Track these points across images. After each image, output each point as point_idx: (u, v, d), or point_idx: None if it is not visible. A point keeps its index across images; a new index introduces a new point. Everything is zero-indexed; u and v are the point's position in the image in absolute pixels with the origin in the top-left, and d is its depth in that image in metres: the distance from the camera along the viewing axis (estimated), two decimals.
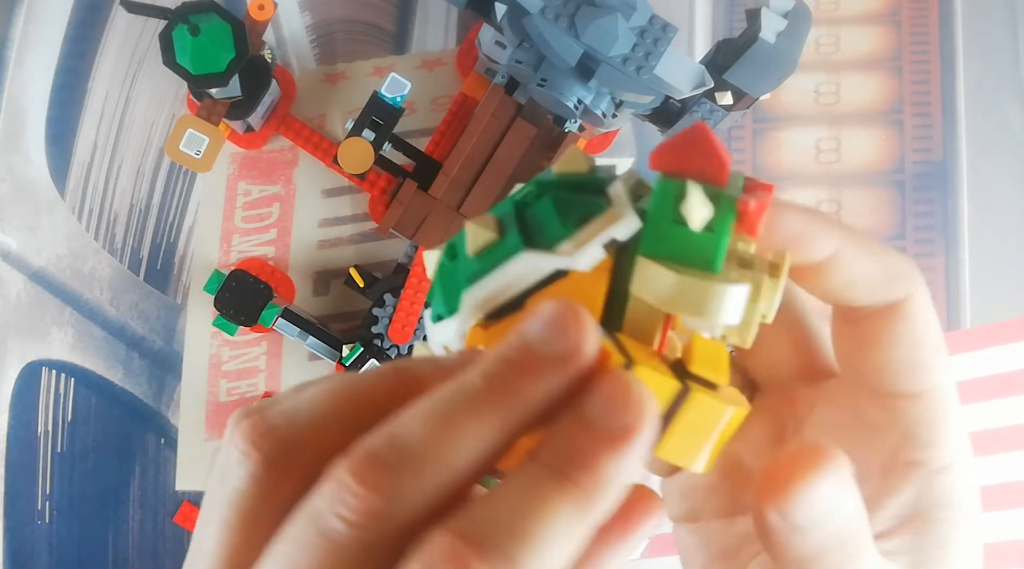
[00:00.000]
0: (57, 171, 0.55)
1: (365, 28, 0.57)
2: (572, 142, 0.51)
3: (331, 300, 0.56)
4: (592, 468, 0.20)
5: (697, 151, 0.22)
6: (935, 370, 0.26)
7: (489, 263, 0.22)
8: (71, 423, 0.54)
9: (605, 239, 0.22)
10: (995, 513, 0.56)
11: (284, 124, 0.54)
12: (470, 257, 0.23)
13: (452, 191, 0.51)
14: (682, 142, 0.22)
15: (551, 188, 0.23)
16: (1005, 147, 0.58)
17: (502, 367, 0.20)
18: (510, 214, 0.23)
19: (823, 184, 0.58)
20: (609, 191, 0.23)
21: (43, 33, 0.56)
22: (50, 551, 0.54)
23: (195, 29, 0.47)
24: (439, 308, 0.23)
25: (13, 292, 0.55)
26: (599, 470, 0.20)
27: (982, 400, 0.57)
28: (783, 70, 0.45)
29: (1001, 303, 0.57)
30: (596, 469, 0.20)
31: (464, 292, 0.22)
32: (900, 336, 0.26)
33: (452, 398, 0.20)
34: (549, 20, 0.42)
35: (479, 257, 0.22)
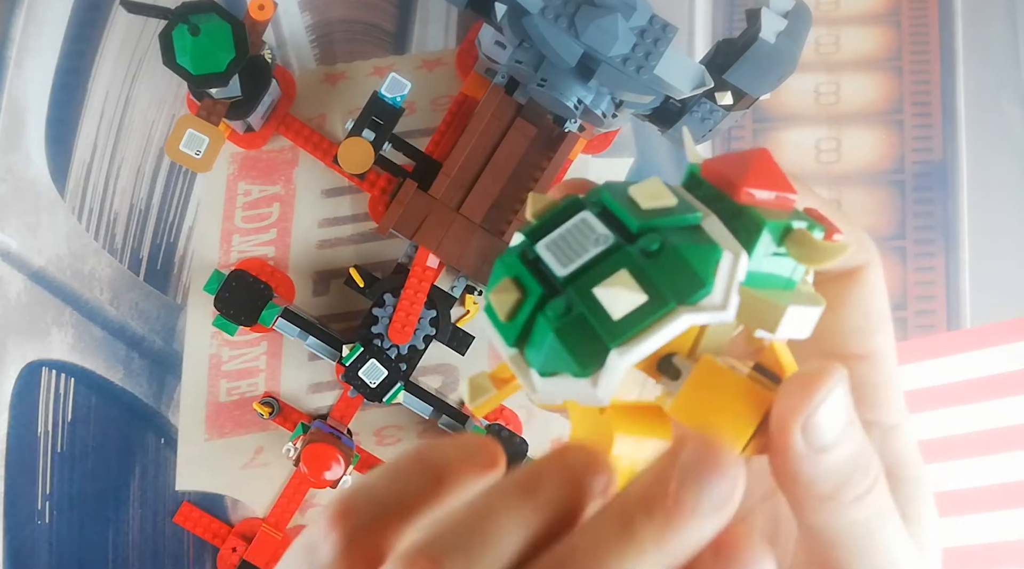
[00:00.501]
0: (57, 171, 0.55)
1: (365, 28, 0.57)
2: (572, 142, 0.51)
3: (331, 300, 0.56)
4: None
5: (769, 177, 0.22)
6: (881, 333, 0.28)
7: (638, 323, 0.21)
8: (71, 423, 0.54)
9: (738, 283, 0.22)
10: (995, 513, 0.56)
11: (284, 124, 0.54)
12: (611, 318, 0.21)
13: (452, 191, 0.51)
14: (754, 166, 0.22)
15: (658, 234, 0.22)
16: (1005, 147, 0.58)
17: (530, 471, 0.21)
18: (623, 262, 0.22)
19: (823, 184, 0.58)
20: (704, 226, 0.22)
21: (43, 33, 0.56)
22: (50, 551, 0.54)
23: (195, 29, 0.47)
24: (555, 364, 0.22)
25: (13, 292, 0.55)
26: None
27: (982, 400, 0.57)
28: (783, 70, 0.45)
29: (1001, 303, 0.57)
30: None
31: (615, 353, 0.21)
32: (856, 299, 0.27)
33: (494, 492, 0.21)
34: (549, 20, 0.42)
35: (626, 319, 0.21)
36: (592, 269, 0.22)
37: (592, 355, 0.22)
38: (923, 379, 0.57)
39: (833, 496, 0.23)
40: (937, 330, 0.57)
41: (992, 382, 0.57)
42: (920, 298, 0.57)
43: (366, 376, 0.52)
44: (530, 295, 0.22)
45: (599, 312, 0.21)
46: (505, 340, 0.23)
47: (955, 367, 0.57)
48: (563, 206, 0.23)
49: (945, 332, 0.57)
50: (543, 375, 0.22)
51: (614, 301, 0.21)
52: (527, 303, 0.22)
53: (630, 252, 0.22)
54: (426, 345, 0.54)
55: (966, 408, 0.57)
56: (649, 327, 0.21)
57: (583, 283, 0.22)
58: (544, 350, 0.22)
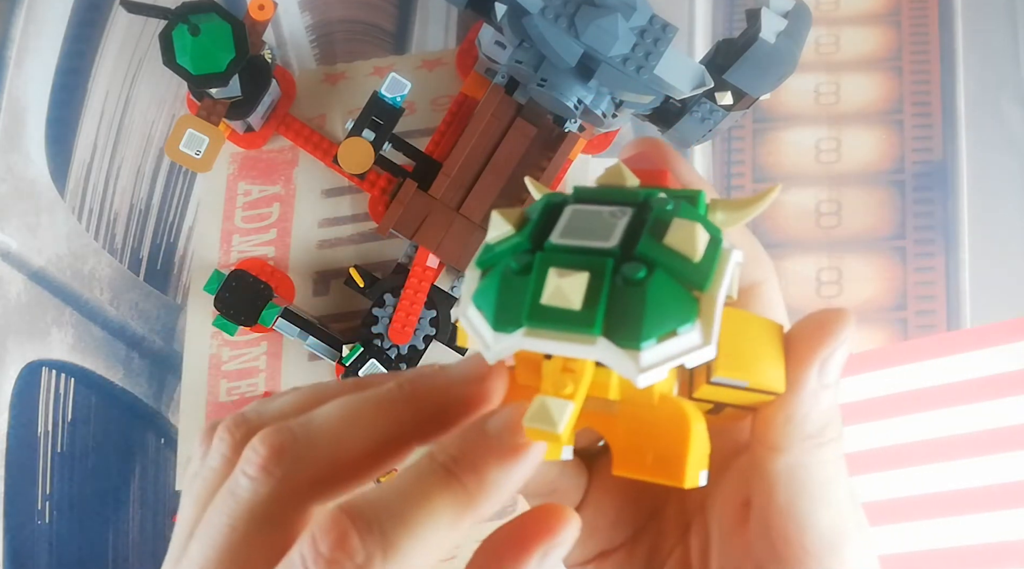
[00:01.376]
0: (57, 171, 0.55)
1: (365, 28, 0.57)
2: (572, 142, 0.51)
3: (331, 300, 0.56)
4: (479, 471, 0.22)
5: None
6: None
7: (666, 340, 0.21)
8: (71, 423, 0.54)
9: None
10: (995, 513, 0.56)
11: (284, 124, 0.54)
12: (652, 335, 0.21)
13: (452, 191, 0.51)
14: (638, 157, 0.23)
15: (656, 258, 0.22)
16: (1005, 147, 0.58)
17: (416, 379, 0.24)
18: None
19: (823, 184, 0.58)
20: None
21: (43, 33, 0.56)
22: (50, 551, 0.54)
23: (195, 29, 0.47)
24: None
25: (13, 292, 0.55)
26: (484, 474, 0.22)
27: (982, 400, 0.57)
28: (783, 70, 0.45)
29: (1001, 303, 0.57)
30: (482, 473, 0.22)
31: (644, 348, 0.21)
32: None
33: (364, 396, 0.24)
34: (549, 20, 0.42)
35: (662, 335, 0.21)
36: (643, 232, 0.22)
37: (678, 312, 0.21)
38: (923, 379, 0.57)
39: (816, 435, 0.24)
40: (937, 330, 0.57)
41: (992, 382, 0.57)
42: (920, 298, 0.57)
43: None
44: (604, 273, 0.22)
45: (677, 262, 0.21)
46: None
47: (955, 367, 0.57)
48: (540, 210, 0.24)
49: (945, 332, 0.57)
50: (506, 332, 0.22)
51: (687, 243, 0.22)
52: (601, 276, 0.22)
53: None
54: (426, 345, 0.54)
55: (966, 408, 0.57)
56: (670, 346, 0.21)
57: (648, 247, 0.22)
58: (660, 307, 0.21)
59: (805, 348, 0.24)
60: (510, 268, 0.22)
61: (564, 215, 0.23)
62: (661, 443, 0.23)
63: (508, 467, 0.22)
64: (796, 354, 0.24)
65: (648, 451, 0.23)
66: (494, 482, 0.22)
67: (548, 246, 0.22)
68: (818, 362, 0.24)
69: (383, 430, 0.24)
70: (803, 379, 0.24)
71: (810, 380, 0.24)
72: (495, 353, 0.22)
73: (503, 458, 0.22)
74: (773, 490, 0.25)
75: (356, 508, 0.21)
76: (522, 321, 0.22)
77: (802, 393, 0.24)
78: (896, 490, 0.56)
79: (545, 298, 0.21)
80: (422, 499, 0.22)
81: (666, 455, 0.23)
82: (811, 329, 0.24)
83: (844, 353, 0.24)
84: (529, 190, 0.26)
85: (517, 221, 0.23)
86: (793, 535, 0.25)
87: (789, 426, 0.24)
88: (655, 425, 0.23)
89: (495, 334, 0.22)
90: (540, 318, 0.21)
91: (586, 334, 0.21)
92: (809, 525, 0.25)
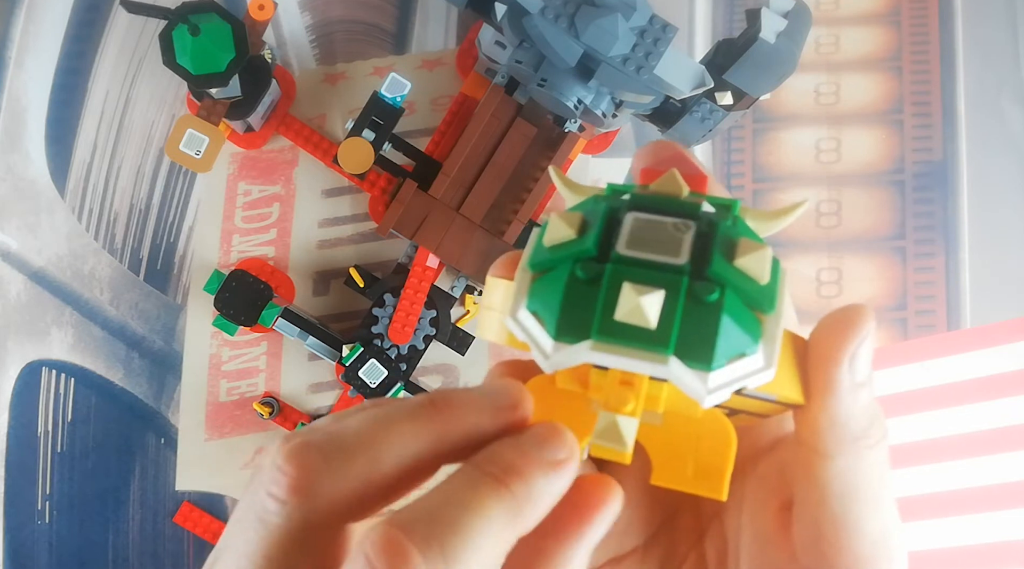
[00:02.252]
0: (57, 171, 0.55)
1: (365, 28, 0.57)
2: (572, 142, 0.51)
3: (331, 300, 0.56)
4: (525, 478, 0.21)
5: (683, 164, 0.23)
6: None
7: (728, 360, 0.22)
8: (71, 423, 0.54)
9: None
10: (995, 513, 0.56)
11: (284, 124, 0.54)
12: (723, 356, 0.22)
13: (452, 191, 0.51)
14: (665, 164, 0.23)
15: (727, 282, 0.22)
16: (1005, 147, 0.58)
17: (450, 395, 0.23)
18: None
19: (823, 184, 0.58)
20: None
21: (43, 33, 0.56)
22: (50, 551, 0.54)
23: (195, 29, 0.47)
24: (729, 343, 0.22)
25: (13, 292, 0.55)
26: (532, 482, 0.22)
27: (982, 400, 0.57)
28: (783, 70, 0.45)
29: (1001, 303, 0.57)
30: (529, 481, 0.22)
31: (714, 370, 0.21)
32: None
33: (395, 406, 0.23)
34: (549, 20, 0.42)
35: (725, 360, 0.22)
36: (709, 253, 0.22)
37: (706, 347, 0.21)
38: (923, 379, 0.57)
39: (862, 436, 0.24)
40: (937, 330, 0.57)
41: (992, 382, 0.57)
42: (920, 298, 0.57)
43: (366, 376, 0.52)
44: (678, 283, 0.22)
45: (742, 284, 0.22)
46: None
47: (955, 367, 0.57)
48: (602, 216, 0.23)
49: (945, 332, 0.57)
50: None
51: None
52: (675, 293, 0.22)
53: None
54: (426, 345, 0.54)
55: (966, 408, 0.57)
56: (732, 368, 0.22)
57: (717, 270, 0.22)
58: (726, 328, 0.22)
59: (830, 347, 0.23)
60: (577, 277, 0.22)
61: (626, 223, 0.23)
62: (703, 456, 0.23)
63: (554, 477, 0.22)
64: (822, 355, 0.23)
65: (689, 463, 0.23)
66: (541, 490, 0.22)
67: (617, 257, 0.22)
68: (846, 359, 0.23)
69: (418, 443, 0.22)
70: (835, 379, 0.23)
71: (842, 378, 0.23)
72: (554, 363, 0.22)
73: (549, 469, 0.22)
74: (825, 498, 0.24)
75: (409, 522, 0.20)
76: (591, 334, 0.21)
77: (838, 392, 0.23)
78: (896, 490, 0.56)
79: (620, 314, 0.21)
80: (476, 507, 0.21)
81: (707, 468, 0.23)
82: (832, 328, 0.23)
83: (870, 348, 0.23)
84: (555, 182, 0.25)
85: (579, 226, 0.23)
86: (845, 542, 0.24)
87: (834, 429, 0.24)
88: (698, 438, 0.23)
89: (556, 343, 0.22)
90: (611, 333, 0.21)
91: (659, 353, 0.21)
92: (862, 532, 0.24)
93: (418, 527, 0.20)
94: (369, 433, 0.22)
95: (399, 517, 0.20)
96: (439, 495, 0.21)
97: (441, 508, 0.21)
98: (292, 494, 0.21)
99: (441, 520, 0.20)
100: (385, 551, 0.20)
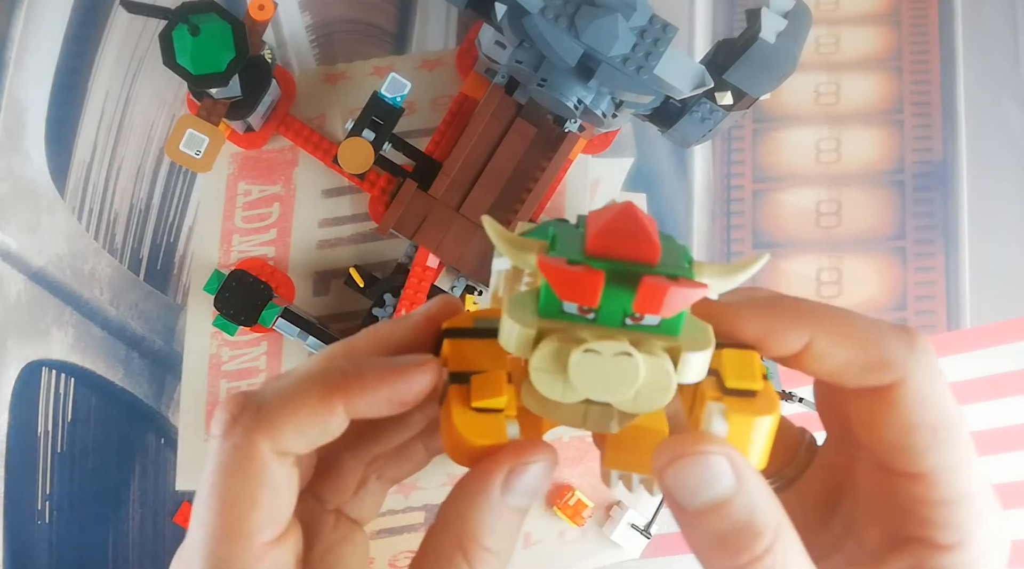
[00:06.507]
0: (57, 171, 0.55)
1: (365, 28, 0.57)
2: (572, 142, 0.51)
3: (331, 300, 0.56)
4: (362, 369, 0.26)
5: (629, 235, 0.23)
6: (935, 452, 0.25)
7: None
8: (71, 423, 0.54)
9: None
10: None
11: (284, 124, 0.54)
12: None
13: (452, 191, 0.51)
14: (615, 227, 0.23)
15: None
16: (1005, 147, 0.58)
17: (363, 369, 0.26)
18: None
19: (823, 184, 0.58)
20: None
21: (43, 33, 0.56)
22: (50, 551, 0.54)
23: (195, 29, 0.47)
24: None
25: (13, 292, 0.55)
26: (366, 371, 0.26)
27: (982, 400, 0.57)
28: (783, 70, 0.45)
29: (1001, 303, 0.57)
30: (365, 370, 0.26)
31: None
32: (890, 420, 0.25)
33: (317, 367, 0.27)
34: (549, 20, 0.42)
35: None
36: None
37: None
38: None
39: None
40: (937, 330, 0.57)
41: (992, 382, 0.57)
42: (920, 298, 0.57)
43: None
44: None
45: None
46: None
47: (955, 367, 0.57)
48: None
49: (945, 332, 0.57)
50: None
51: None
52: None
53: None
54: None
55: (966, 408, 0.57)
56: None
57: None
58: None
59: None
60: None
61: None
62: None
63: (392, 380, 0.25)
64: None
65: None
66: (372, 379, 0.25)
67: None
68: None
69: (331, 403, 0.25)
70: None
71: None
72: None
73: (390, 373, 0.25)
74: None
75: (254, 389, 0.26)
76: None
77: None
78: None
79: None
80: (300, 367, 0.26)
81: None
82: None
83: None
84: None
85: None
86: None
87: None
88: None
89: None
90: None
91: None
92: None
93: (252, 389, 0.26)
94: (291, 392, 0.25)
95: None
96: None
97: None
98: (227, 428, 0.25)
99: (275, 386, 0.25)
100: (227, 399, 0.25)
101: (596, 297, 0.22)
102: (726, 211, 0.58)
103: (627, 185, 0.57)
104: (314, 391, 0.25)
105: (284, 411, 0.25)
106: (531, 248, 0.24)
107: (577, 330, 0.23)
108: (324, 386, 0.25)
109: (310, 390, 0.25)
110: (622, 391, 0.23)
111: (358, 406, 0.25)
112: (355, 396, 0.25)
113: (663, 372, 0.23)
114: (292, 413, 0.25)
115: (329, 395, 0.25)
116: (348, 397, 0.25)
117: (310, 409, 0.25)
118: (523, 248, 0.24)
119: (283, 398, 0.25)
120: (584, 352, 0.23)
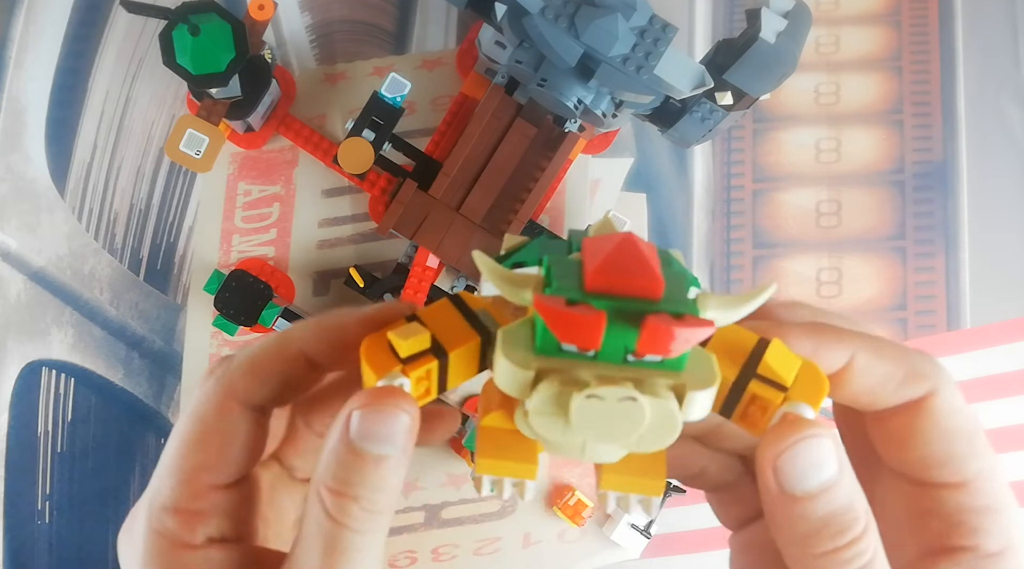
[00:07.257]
0: (57, 171, 0.55)
1: (365, 28, 0.57)
2: (572, 142, 0.51)
3: (331, 300, 0.56)
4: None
5: (630, 272, 0.22)
6: (972, 458, 0.27)
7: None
8: (71, 423, 0.54)
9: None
10: None
11: (284, 124, 0.54)
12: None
13: (452, 191, 0.51)
14: (615, 262, 0.22)
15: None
16: (1005, 147, 0.58)
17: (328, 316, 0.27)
18: None
19: (823, 184, 0.58)
20: None
21: (43, 33, 0.56)
22: (50, 551, 0.54)
23: (195, 29, 0.47)
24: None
25: (13, 292, 0.55)
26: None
27: (982, 400, 0.57)
28: (783, 70, 0.45)
29: (1001, 303, 0.57)
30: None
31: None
32: (927, 432, 0.26)
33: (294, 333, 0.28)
34: (549, 20, 0.42)
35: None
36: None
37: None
38: None
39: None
40: (937, 330, 0.57)
41: (992, 382, 0.57)
42: (920, 298, 0.57)
43: None
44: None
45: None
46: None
47: (955, 367, 0.57)
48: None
49: (945, 332, 0.57)
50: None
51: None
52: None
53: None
54: None
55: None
56: None
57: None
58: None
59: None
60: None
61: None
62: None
63: (345, 324, 0.27)
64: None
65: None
66: (329, 325, 0.27)
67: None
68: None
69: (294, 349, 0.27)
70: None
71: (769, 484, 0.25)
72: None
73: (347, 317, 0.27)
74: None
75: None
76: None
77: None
78: None
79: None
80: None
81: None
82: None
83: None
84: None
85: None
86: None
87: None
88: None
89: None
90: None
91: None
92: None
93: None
94: (256, 346, 0.27)
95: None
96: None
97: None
98: (201, 382, 0.27)
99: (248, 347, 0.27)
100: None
101: (598, 340, 0.22)
102: (726, 211, 0.58)
103: (627, 185, 0.57)
104: (274, 341, 0.27)
105: (248, 361, 0.27)
106: (526, 284, 0.23)
107: (577, 369, 0.22)
108: (283, 336, 0.27)
109: (270, 341, 0.27)
110: (626, 436, 0.22)
111: (314, 353, 0.27)
112: (311, 344, 0.27)
113: (668, 414, 0.22)
114: (252, 362, 0.27)
115: (286, 343, 0.27)
116: (304, 344, 0.27)
117: (268, 356, 0.27)
118: (518, 284, 0.23)
119: (249, 352, 0.27)
120: (587, 398, 0.22)
